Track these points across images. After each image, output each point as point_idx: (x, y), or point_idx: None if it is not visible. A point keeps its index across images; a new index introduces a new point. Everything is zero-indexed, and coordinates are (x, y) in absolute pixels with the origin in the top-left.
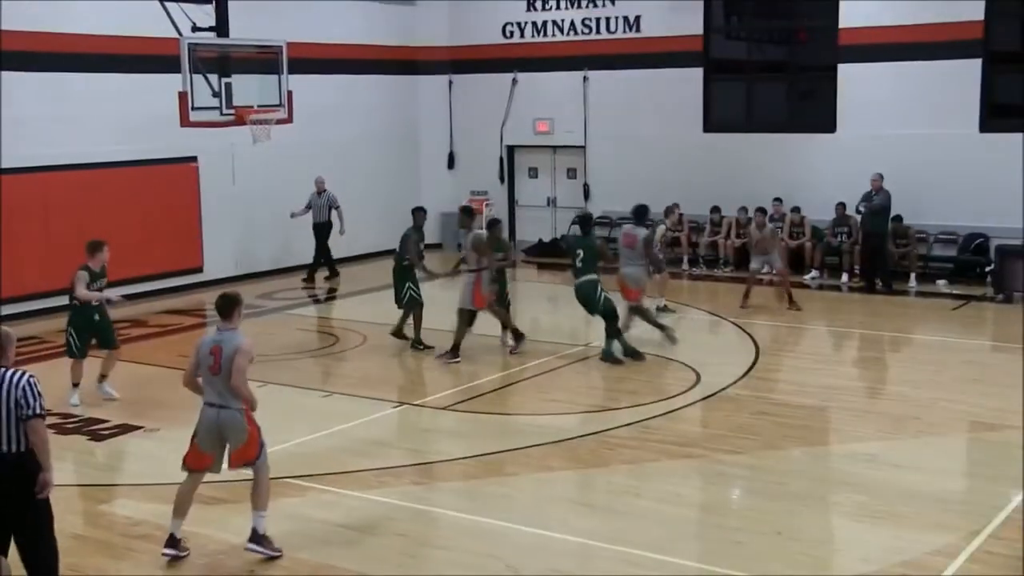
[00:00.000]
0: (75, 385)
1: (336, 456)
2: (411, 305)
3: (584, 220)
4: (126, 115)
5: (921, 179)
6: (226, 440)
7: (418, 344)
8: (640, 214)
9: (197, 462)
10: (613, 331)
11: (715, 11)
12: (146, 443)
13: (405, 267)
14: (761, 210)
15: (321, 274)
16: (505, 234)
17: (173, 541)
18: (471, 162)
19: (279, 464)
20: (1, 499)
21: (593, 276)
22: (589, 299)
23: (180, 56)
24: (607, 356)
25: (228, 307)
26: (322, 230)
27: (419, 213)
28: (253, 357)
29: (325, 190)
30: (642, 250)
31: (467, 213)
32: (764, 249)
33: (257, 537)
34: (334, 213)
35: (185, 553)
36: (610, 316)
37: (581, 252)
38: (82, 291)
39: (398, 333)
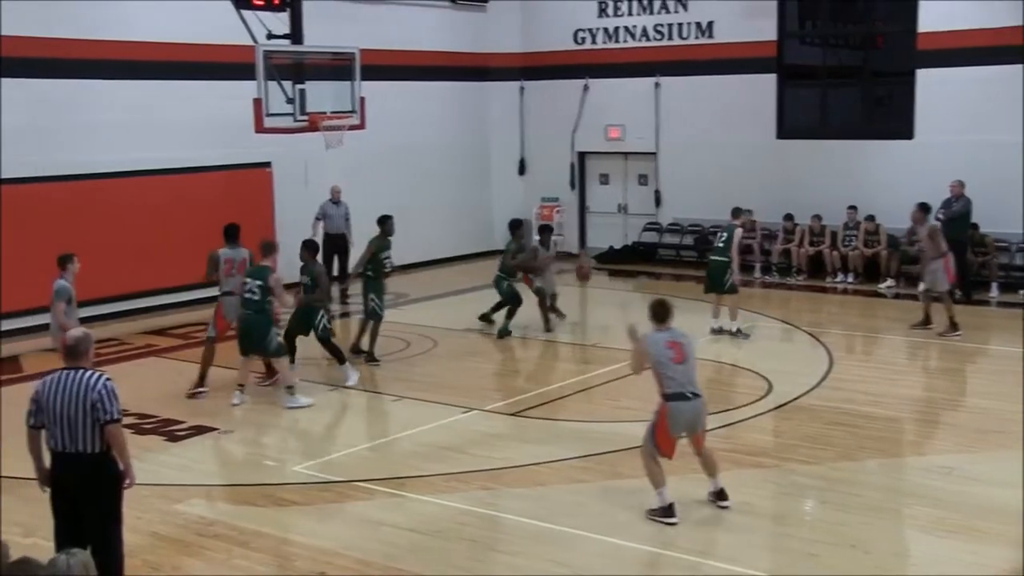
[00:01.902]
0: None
1: (405, 460)
2: (373, 316)
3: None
4: (201, 121)
5: (1002, 187)
6: None
7: (372, 359)
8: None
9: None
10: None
11: (789, 16)
12: (221, 444)
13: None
14: (922, 206)
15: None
16: (529, 237)
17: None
18: (542, 168)
19: (347, 467)
20: (76, 498)
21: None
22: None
23: (255, 63)
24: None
25: None
26: (338, 243)
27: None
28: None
29: (341, 200)
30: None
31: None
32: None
33: None
34: (348, 224)
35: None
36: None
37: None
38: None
39: (354, 349)
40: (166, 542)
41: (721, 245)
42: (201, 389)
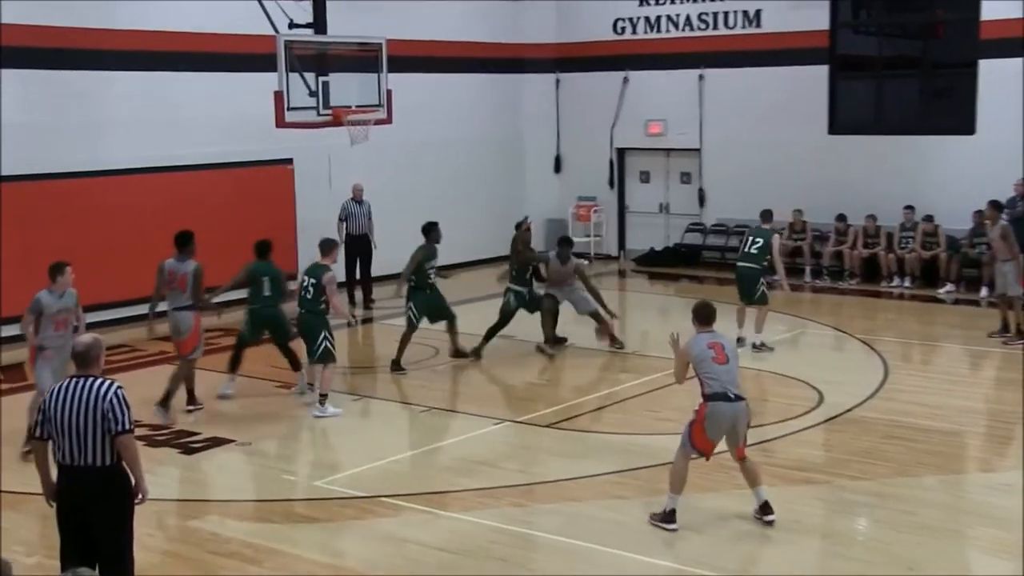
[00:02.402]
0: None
1: (434, 474)
2: (408, 324)
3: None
4: (219, 116)
5: None
6: None
7: (397, 367)
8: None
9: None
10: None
11: (842, 4)
12: (238, 457)
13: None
14: (994, 204)
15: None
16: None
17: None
18: (579, 166)
19: (373, 482)
20: (87, 512)
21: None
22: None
23: (276, 54)
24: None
25: None
26: (361, 244)
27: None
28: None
29: (364, 199)
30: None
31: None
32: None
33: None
34: (371, 225)
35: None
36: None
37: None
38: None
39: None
40: (179, 560)
41: (755, 252)
42: (196, 406)
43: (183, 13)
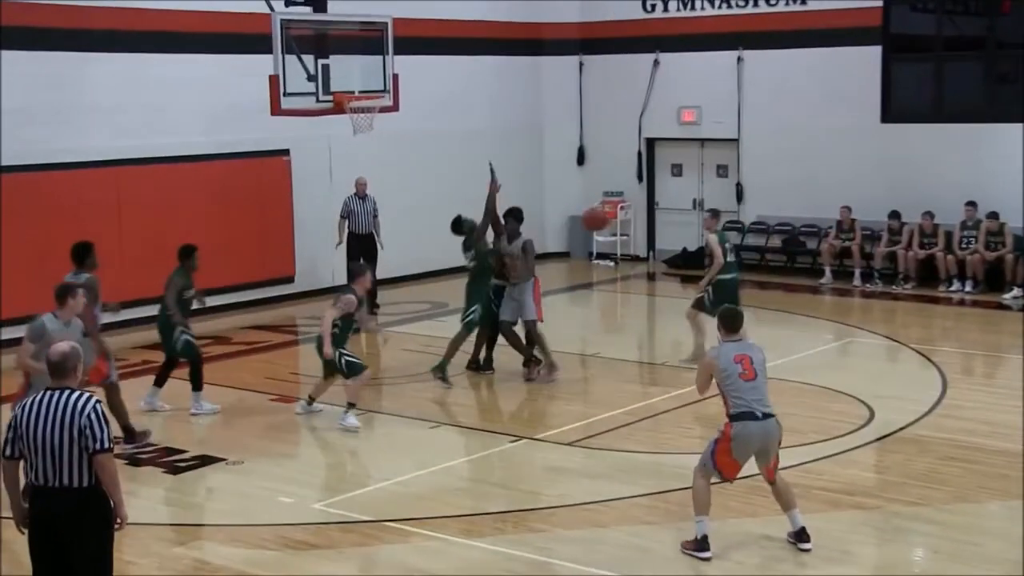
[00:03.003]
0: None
1: (443, 497)
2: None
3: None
4: (209, 102)
5: None
6: None
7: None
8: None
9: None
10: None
11: None
12: (228, 477)
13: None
14: None
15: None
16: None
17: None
18: (604, 158)
19: (378, 505)
20: (63, 538)
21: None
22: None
23: (272, 34)
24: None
25: None
26: (365, 244)
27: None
28: None
29: (368, 194)
30: None
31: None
32: None
33: None
34: (377, 223)
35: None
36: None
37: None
38: None
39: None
40: None
41: (732, 260)
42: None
43: None
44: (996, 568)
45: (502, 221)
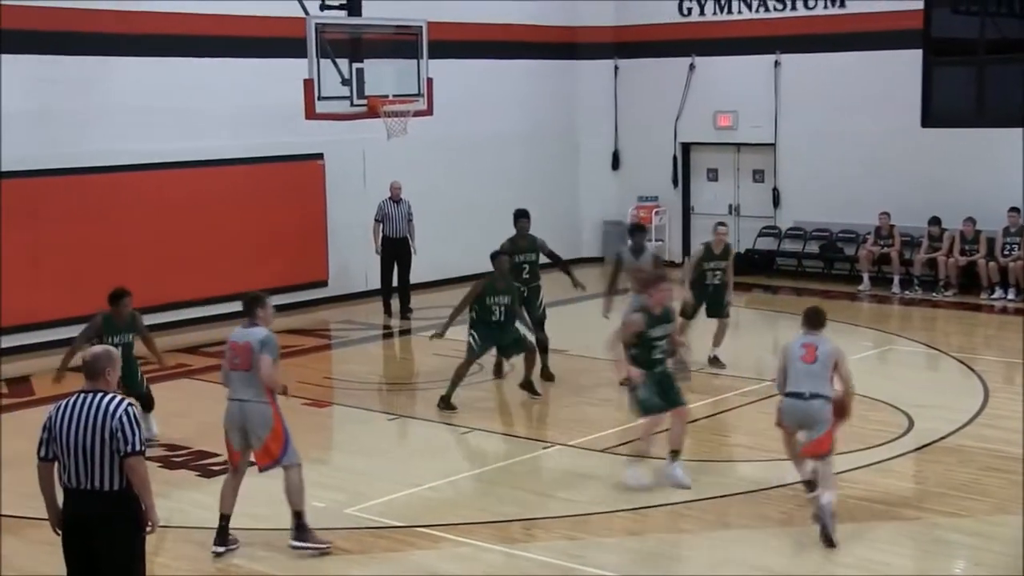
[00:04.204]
0: None
1: (476, 503)
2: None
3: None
4: (244, 106)
5: None
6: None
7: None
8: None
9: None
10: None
11: None
12: (261, 481)
13: None
14: None
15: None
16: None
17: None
18: (639, 162)
19: (408, 510)
20: (92, 542)
21: None
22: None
23: (306, 38)
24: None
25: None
26: (399, 248)
27: None
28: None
29: (403, 198)
30: None
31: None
32: None
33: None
34: (411, 227)
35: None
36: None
37: None
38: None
39: None
40: None
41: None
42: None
43: None
44: None
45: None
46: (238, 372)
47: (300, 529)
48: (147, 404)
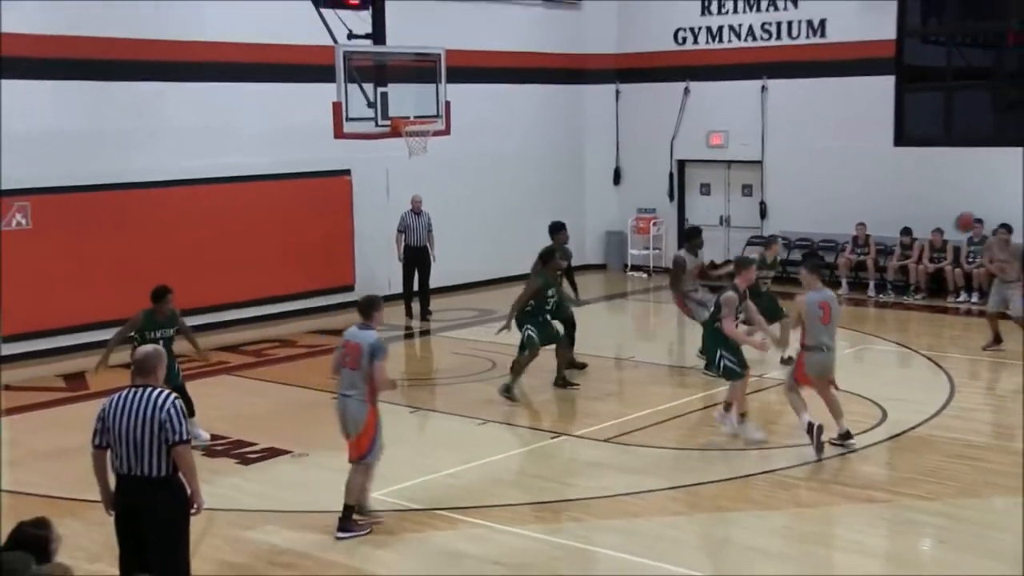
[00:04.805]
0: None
1: (490, 488)
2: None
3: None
4: (278, 126)
5: None
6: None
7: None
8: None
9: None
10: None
11: (910, 12)
12: (294, 468)
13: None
14: (1006, 227)
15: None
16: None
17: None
18: (639, 178)
19: (428, 494)
20: (144, 520)
21: None
22: None
23: (335, 64)
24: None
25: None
26: (420, 256)
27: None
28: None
29: (423, 210)
30: None
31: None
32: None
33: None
34: (431, 237)
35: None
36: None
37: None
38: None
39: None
40: (235, 570)
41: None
42: None
43: (242, 24)
44: (1000, 559)
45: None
46: (346, 369)
47: (344, 519)
48: (188, 407)
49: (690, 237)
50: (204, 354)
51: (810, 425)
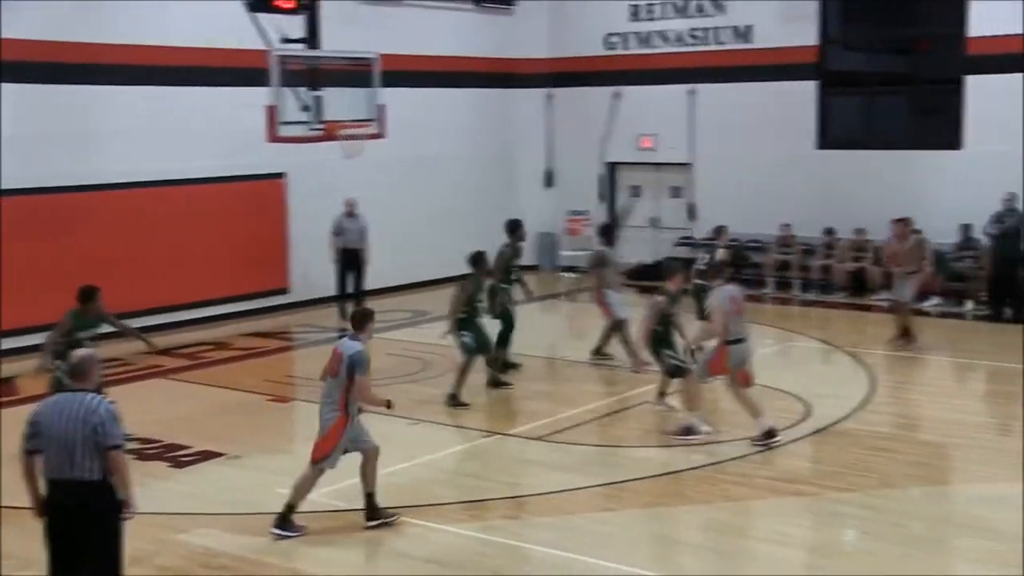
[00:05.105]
0: None
1: (423, 487)
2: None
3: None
4: (212, 130)
5: None
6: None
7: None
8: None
9: None
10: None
11: (831, 20)
12: (228, 471)
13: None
14: (903, 220)
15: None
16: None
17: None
18: (570, 180)
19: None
20: (74, 528)
21: None
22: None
23: (269, 69)
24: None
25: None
26: (354, 258)
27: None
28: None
29: (357, 213)
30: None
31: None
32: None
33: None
34: (365, 239)
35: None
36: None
37: None
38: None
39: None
40: (169, 573)
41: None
42: None
43: (176, 27)
44: (918, 546)
45: None
46: (328, 376)
47: (283, 518)
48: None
49: (606, 232)
50: (146, 339)
51: (689, 428)
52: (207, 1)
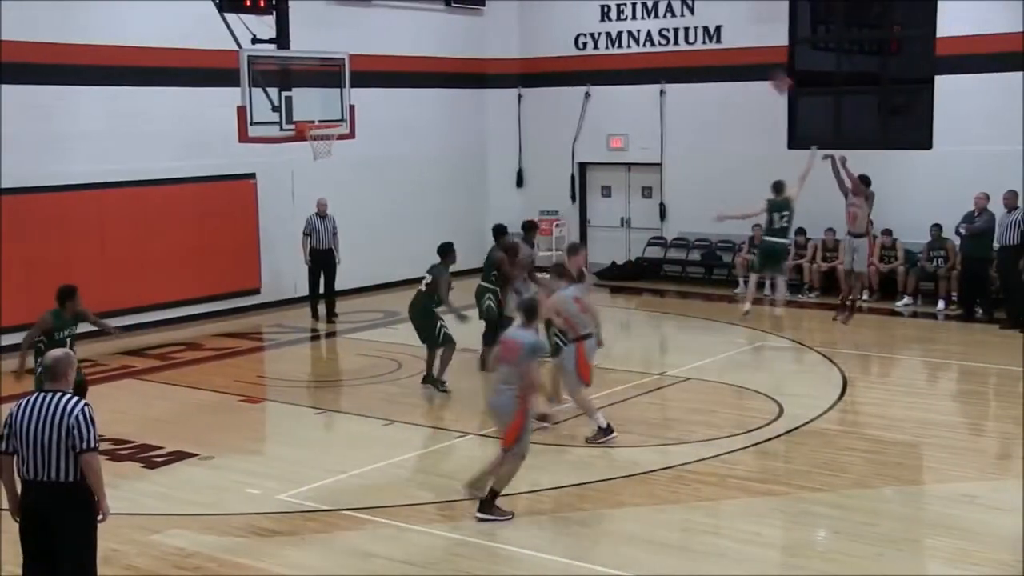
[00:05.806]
0: None
1: (396, 487)
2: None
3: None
4: (182, 130)
5: None
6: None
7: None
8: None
9: None
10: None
11: (801, 20)
12: (201, 471)
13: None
14: (863, 178)
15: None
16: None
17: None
18: (541, 180)
19: (335, 495)
20: (49, 529)
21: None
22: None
23: (239, 69)
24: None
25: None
26: (325, 258)
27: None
28: None
29: (328, 214)
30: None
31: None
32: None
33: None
34: (336, 240)
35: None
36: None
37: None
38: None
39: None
40: (142, 574)
41: (785, 225)
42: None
43: (145, 27)
44: (890, 546)
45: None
46: (503, 365)
47: (486, 504)
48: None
49: (528, 230)
50: (113, 328)
51: (606, 429)
52: (177, 1)
